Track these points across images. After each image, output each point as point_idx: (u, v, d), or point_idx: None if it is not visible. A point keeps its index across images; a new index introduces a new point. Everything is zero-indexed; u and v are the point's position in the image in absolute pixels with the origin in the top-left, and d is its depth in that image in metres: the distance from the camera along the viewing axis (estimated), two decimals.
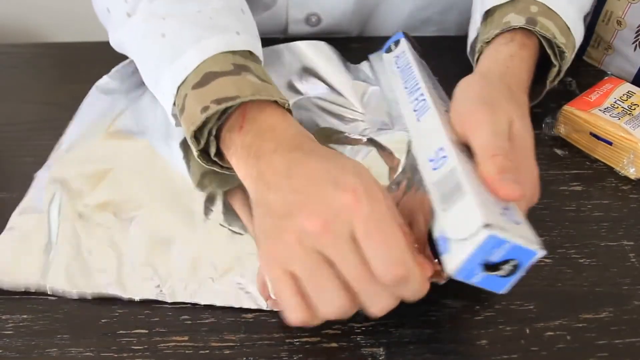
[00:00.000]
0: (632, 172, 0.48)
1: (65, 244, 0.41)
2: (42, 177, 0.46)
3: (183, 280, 0.39)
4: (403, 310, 0.38)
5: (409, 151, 0.44)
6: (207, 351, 0.36)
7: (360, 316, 0.38)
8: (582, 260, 0.42)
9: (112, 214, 0.43)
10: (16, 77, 0.60)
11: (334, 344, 0.37)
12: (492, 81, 0.42)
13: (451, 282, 0.35)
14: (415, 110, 0.41)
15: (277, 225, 0.32)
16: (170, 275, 0.40)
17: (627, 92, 0.52)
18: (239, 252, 0.41)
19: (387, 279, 0.30)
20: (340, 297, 0.31)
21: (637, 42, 0.57)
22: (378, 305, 0.32)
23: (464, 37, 0.55)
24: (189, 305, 0.39)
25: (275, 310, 0.38)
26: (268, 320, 0.37)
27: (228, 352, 0.36)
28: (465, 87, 0.41)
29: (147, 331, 0.37)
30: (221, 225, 0.43)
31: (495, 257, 0.32)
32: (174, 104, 0.42)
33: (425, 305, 0.36)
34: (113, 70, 0.55)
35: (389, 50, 0.49)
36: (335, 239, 0.30)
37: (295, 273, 0.31)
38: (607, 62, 0.60)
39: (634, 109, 0.50)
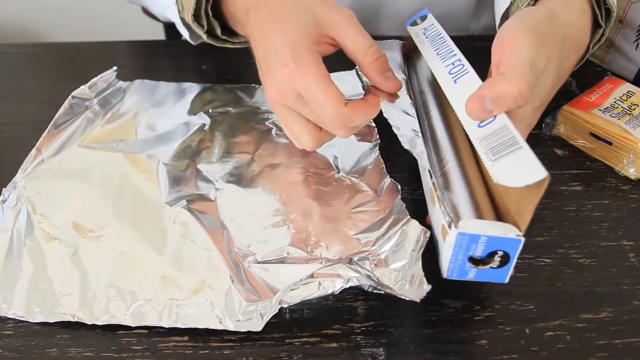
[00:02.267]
0: (632, 172, 0.48)
1: (29, 264, 0.40)
2: (9, 193, 0.45)
3: (149, 303, 0.38)
4: (403, 310, 0.38)
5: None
6: (207, 351, 0.36)
7: (360, 316, 0.38)
8: (582, 260, 0.42)
9: (79, 233, 0.42)
10: (16, 77, 0.60)
11: (334, 344, 0.37)
12: (554, 22, 0.40)
13: (450, 282, 0.35)
14: (451, 73, 0.40)
15: (261, 75, 0.43)
16: (135, 298, 0.38)
17: (627, 92, 0.52)
18: (207, 271, 0.40)
19: (331, 128, 0.41)
20: (308, 130, 0.42)
21: (639, 41, 0.57)
22: (338, 134, 0.42)
23: (464, 37, 0.55)
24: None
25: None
26: (268, 321, 0.37)
27: (228, 352, 0.36)
28: (526, 13, 0.40)
29: (147, 331, 0.37)
30: (190, 242, 0.42)
31: (479, 252, 0.32)
32: (179, 12, 0.51)
33: (425, 305, 0.36)
34: (90, 81, 0.54)
35: (414, 24, 0.50)
36: (288, 99, 0.40)
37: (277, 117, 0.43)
38: (609, 60, 0.60)
39: (634, 109, 0.50)
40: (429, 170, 0.38)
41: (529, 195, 0.31)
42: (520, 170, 0.31)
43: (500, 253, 0.33)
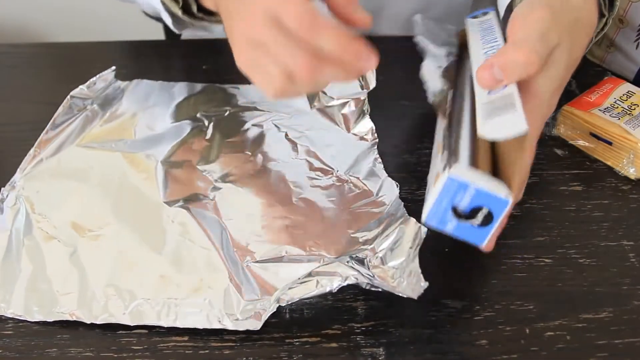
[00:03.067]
0: (631, 172, 0.48)
1: (28, 264, 0.40)
2: (7, 193, 0.45)
3: (147, 302, 0.38)
4: (403, 310, 0.38)
5: None
6: (207, 351, 0.36)
7: (360, 316, 0.38)
8: (582, 260, 0.42)
9: (78, 233, 0.42)
10: (16, 77, 0.60)
11: (334, 344, 0.37)
12: (566, 4, 0.40)
13: (450, 282, 0.35)
14: (485, 54, 0.41)
15: (230, 25, 0.39)
16: (134, 297, 0.38)
17: (627, 92, 0.52)
18: (205, 271, 0.40)
19: (294, 44, 0.34)
20: (274, 74, 0.36)
21: (639, 40, 0.57)
22: (299, 56, 0.35)
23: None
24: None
25: None
26: (268, 320, 0.37)
27: (228, 352, 0.36)
28: None
29: (147, 331, 0.37)
30: (189, 241, 0.42)
31: (464, 204, 0.32)
32: None
33: (425, 305, 0.36)
34: (89, 81, 0.54)
35: (475, 17, 0.51)
36: (258, 27, 0.35)
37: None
38: (610, 60, 0.60)
39: (634, 109, 0.50)
40: (445, 128, 0.37)
41: (517, 154, 0.31)
42: (504, 127, 0.31)
43: (484, 211, 0.32)
